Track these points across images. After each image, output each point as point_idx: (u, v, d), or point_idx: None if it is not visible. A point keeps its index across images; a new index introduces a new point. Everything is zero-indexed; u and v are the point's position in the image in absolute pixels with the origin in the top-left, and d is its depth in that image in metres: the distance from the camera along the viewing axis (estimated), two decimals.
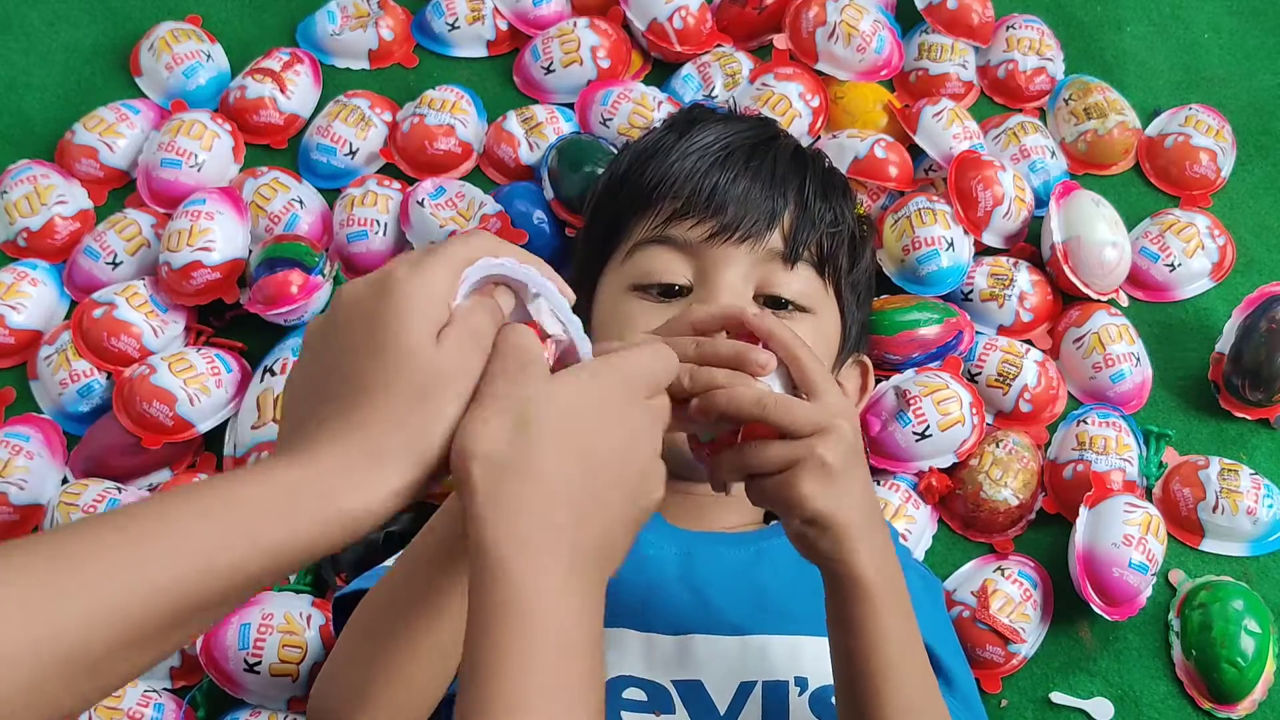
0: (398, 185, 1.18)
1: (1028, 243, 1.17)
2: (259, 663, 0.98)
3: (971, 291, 1.14)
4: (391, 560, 0.87)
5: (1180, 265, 1.16)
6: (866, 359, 1.03)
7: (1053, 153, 1.22)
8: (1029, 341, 1.13)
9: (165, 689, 1.01)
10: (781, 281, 0.92)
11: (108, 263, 1.17)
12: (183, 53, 1.27)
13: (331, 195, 1.21)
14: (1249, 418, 1.11)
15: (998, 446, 1.06)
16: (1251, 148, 1.26)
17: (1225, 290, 1.18)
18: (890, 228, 1.13)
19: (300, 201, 1.18)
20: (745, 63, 1.25)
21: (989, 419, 1.10)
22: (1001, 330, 1.13)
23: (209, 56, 1.28)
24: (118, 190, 1.24)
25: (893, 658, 0.69)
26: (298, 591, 1.02)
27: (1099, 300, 1.14)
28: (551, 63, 1.25)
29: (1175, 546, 1.06)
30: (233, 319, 1.15)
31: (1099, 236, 1.12)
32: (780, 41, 1.26)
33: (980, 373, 1.10)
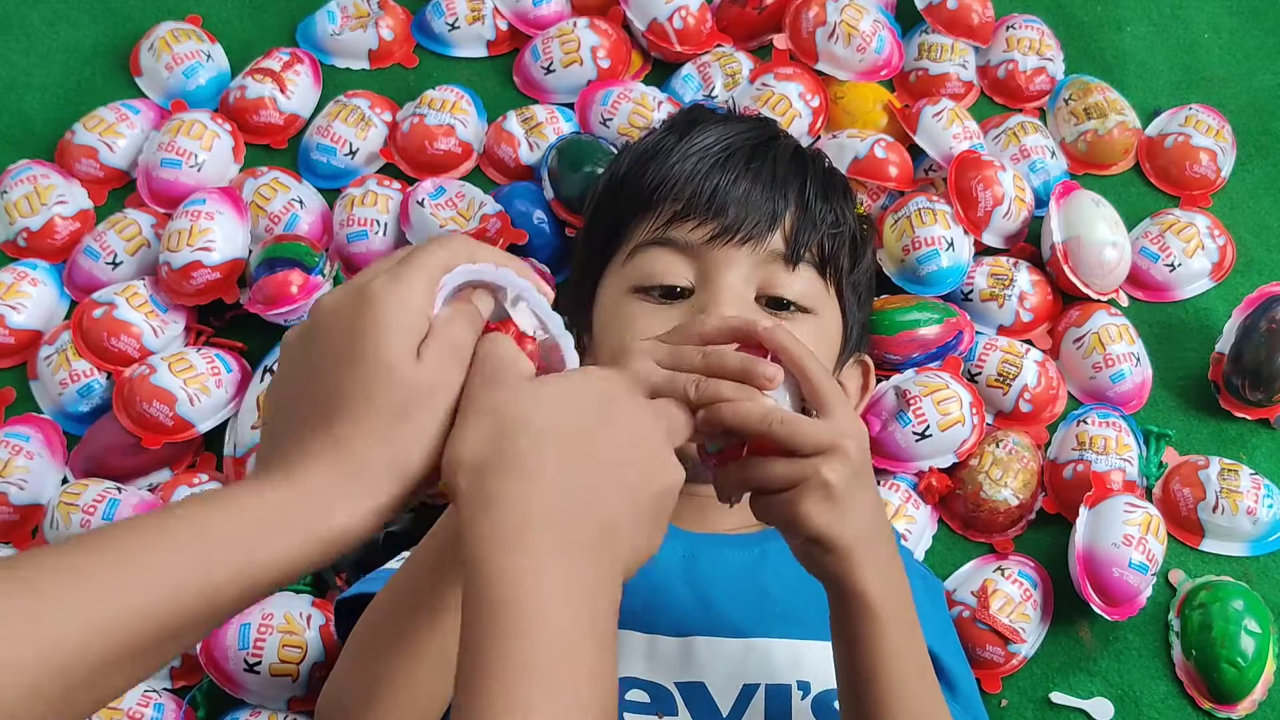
0: (398, 185, 1.18)
1: (1028, 243, 1.17)
2: (259, 663, 0.98)
3: (971, 291, 1.14)
4: (393, 562, 0.87)
5: (1180, 265, 1.16)
6: (868, 359, 1.03)
7: (1053, 153, 1.22)
8: (1029, 341, 1.13)
9: (165, 689, 1.01)
10: (783, 282, 0.92)
11: (108, 263, 1.16)
12: (183, 53, 1.27)
13: (331, 195, 1.21)
14: (1249, 418, 1.11)
15: (998, 446, 1.06)
16: (1251, 148, 1.26)
17: (1225, 290, 1.18)
18: (890, 228, 1.13)
19: (300, 201, 1.18)
20: (745, 63, 1.24)
21: (989, 419, 1.10)
22: (1001, 330, 1.13)
23: (209, 56, 1.28)
24: (118, 190, 1.24)
25: (897, 673, 0.69)
26: (298, 592, 1.02)
27: (1099, 300, 1.14)
28: (551, 63, 1.25)
29: (1175, 546, 1.06)
30: (233, 319, 1.15)
31: (1099, 236, 1.12)
32: (780, 41, 1.26)
33: (980, 373, 1.10)
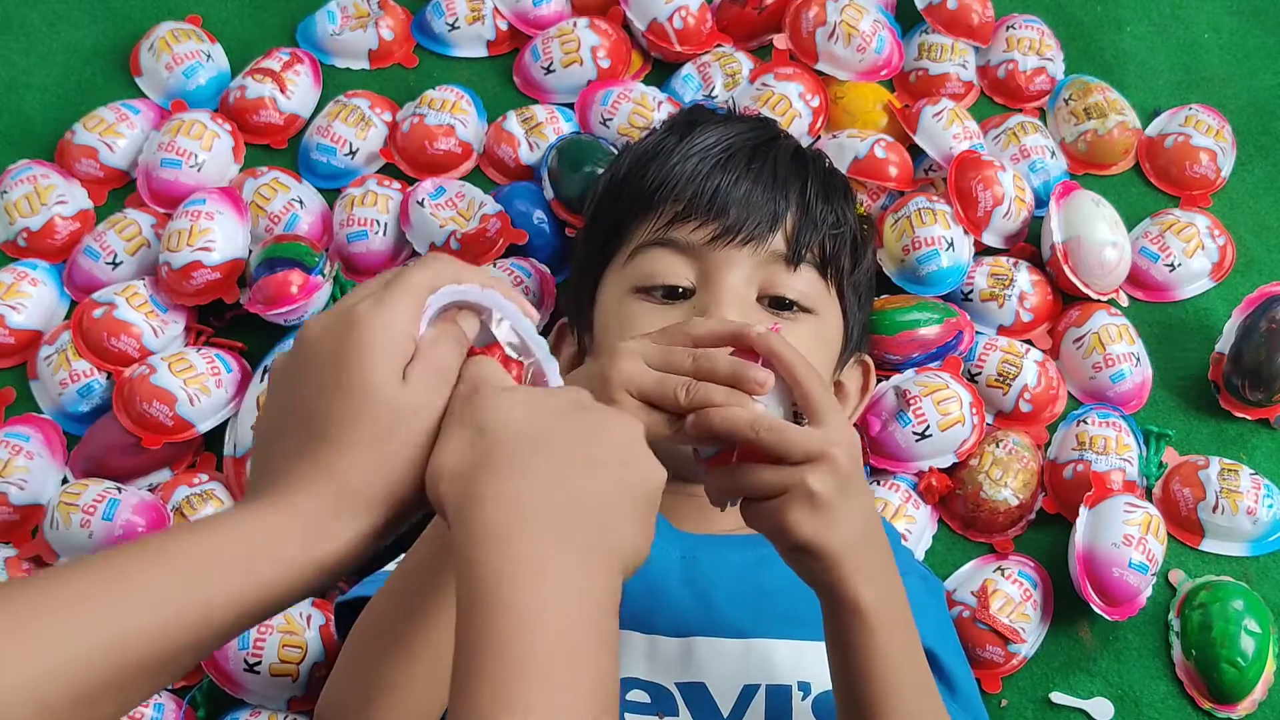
0: (398, 185, 1.18)
1: (1028, 243, 1.17)
2: (259, 663, 0.98)
3: (971, 291, 1.14)
4: (393, 565, 0.87)
5: (1180, 265, 1.16)
6: (868, 359, 1.03)
7: (1053, 153, 1.22)
8: (1029, 341, 1.13)
9: (165, 689, 1.01)
10: (784, 283, 0.92)
11: (108, 263, 1.16)
12: (183, 53, 1.27)
13: (331, 195, 1.21)
14: (1249, 418, 1.11)
15: (998, 446, 1.06)
16: (1251, 148, 1.26)
17: (1225, 290, 1.17)
18: (890, 228, 1.13)
19: (300, 201, 1.18)
20: (745, 63, 1.24)
21: (989, 419, 1.10)
22: (1001, 330, 1.13)
23: (209, 56, 1.28)
24: (118, 190, 1.24)
25: (891, 681, 0.69)
26: None
27: (1099, 300, 1.14)
28: (551, 63, 1.25)
29: (1175, 546, 1.06)
30: (233, 319, 1.15)
31: (1099, 236, 1.12)
32: (780, 41, 1.25)
33: (980, 373, 1.10)
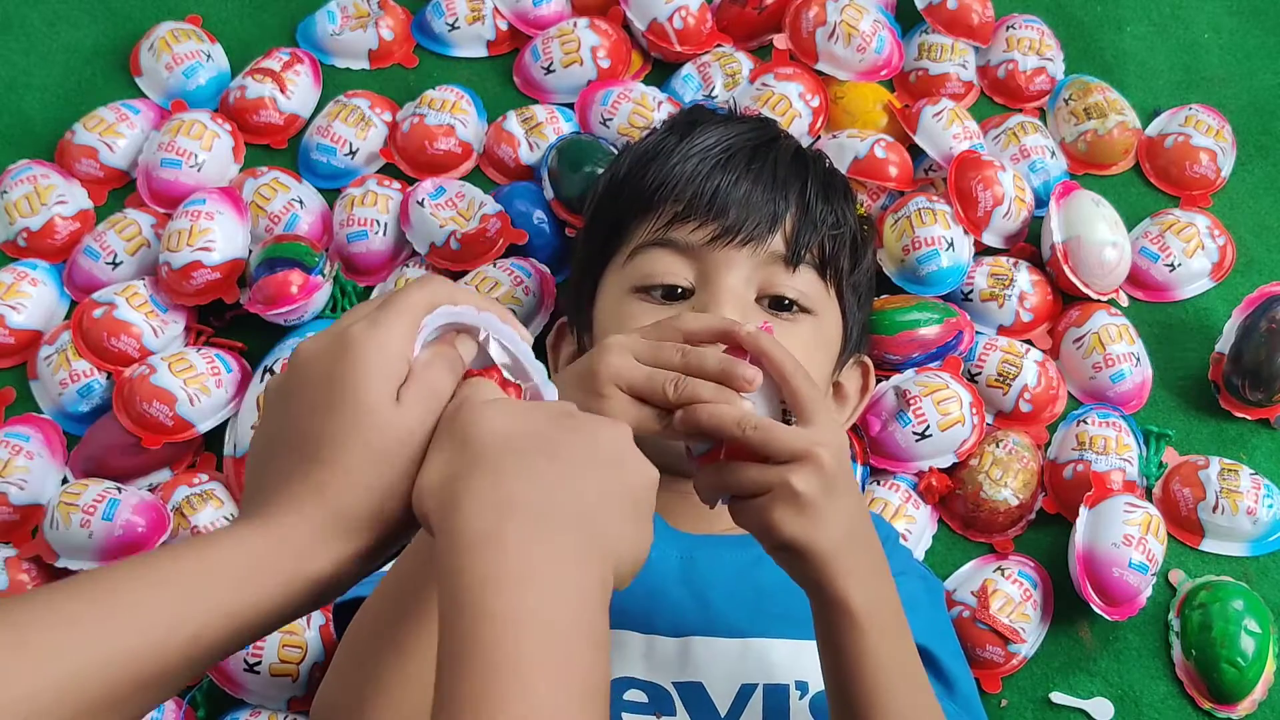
0: (398, 185, 1.18)
1: (1028, 243, 1.17)
2: (259, 663, 0.98)
3: (971, 291, 1.13)
4: (389, 566, 0.87)
5: (1180, 265, 1.16)
6: (867, 359, 1.03)
7: (1053, 153, 1.22)
8: (1029, 341, 1.13)
9: None
10: (783, 283, 0.92)
11: (108, 263, 1.16)
12: (183, 53, 1.27)
13: (331, 195, 1.21)
14: (1249, 418, 1.11)
15: (998, 446, 1.06)
16: (1251, 148, 1.26)
17: (1225, 290, 1.17)
18: (890, 228, 1.13)
19: (300, 201, 1.18)
20: (745, 63, 1.24)
21: (989, 419, 1.10)
22: (1001, 330, 1.13)
23: (209, 56, 1.28)
24: (118, 190, 1.24)
25: (883, 682, 0.68)
26: None
27: (1099, 300, 1.14)
28: (551, 63, 1.25)
29: (1175, 546, 1.06)
30: (233, 319, 1.15)
31: (1099, 236, 1.12)
32: (780, 41, 1.25)
33: (980, 373, 1.10)
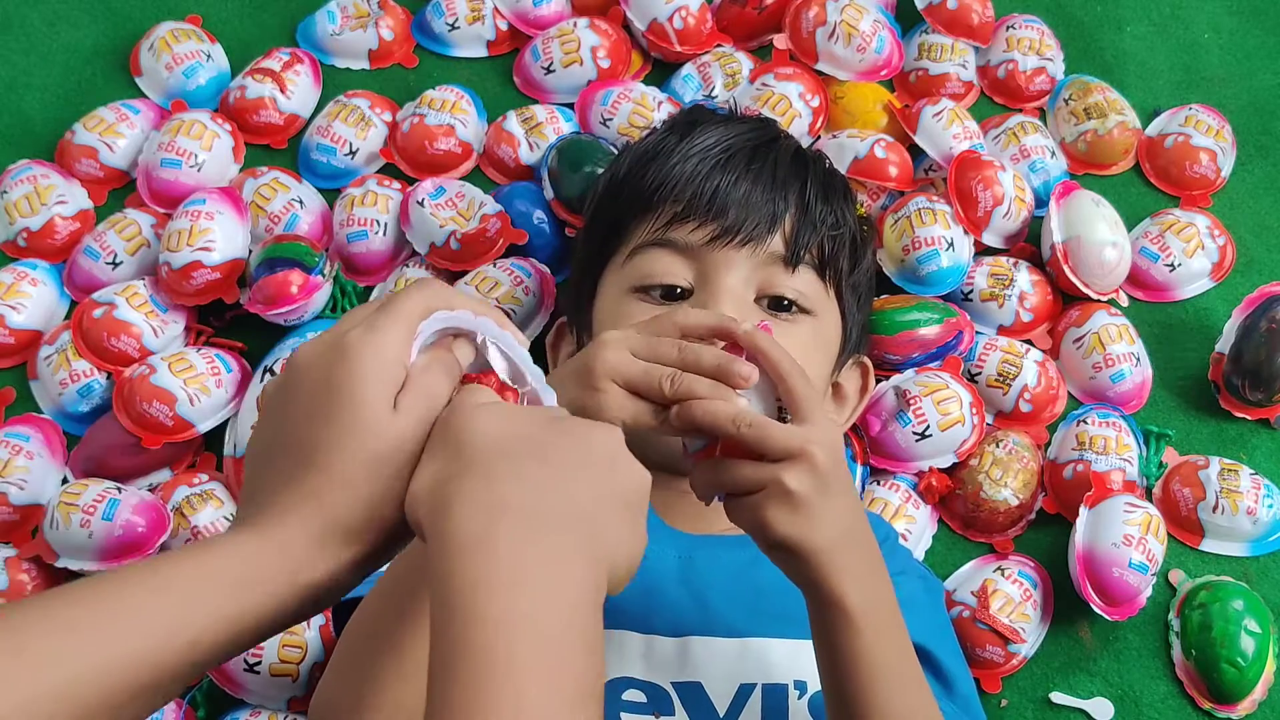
0: (398, 185, 1.18)
1: (1028, 243, 1.17)
2: (259, 663, 0.98)
3: (971, 291, 1.13)
4: (387, 565, 0.87)
5: (1180, 265, 1.16)
6: (867, 360, 1.03)
7: (1053, 153, 1.22)
8: (1029, 341, 1.13)
9: None
10: (782, 283, 0.92)
11: (108, 263, 1.16)
12: (183, 53, 1.27)
13: (331, 195, 1.21)
14: (1249, 418, 1.11)
15: (998, 446, 1.06)
16: (1251, 148, 1.26)
17: (1225, 290, 1.17)
18: (890, 228, 1.13)
19: (300, 201, 1.18)
20: (745, 63, 1.24)
21: (989, 419, 1.10)
22: (1001, 330, 1.13)
23: (209, 56, 1.28)
24: (118, 190, 1.24)
25: (879, 682, 0.68)
26: None
27: (1099, 300, 1.14)
28: (551, 63, 1.25)
29: (1175, 546, 1.06)
30: (233, 319, 1.15)
31: (1099, 236, 1.12)
32: (780, 41, 1.25)
33: (980, 373, 1.10)
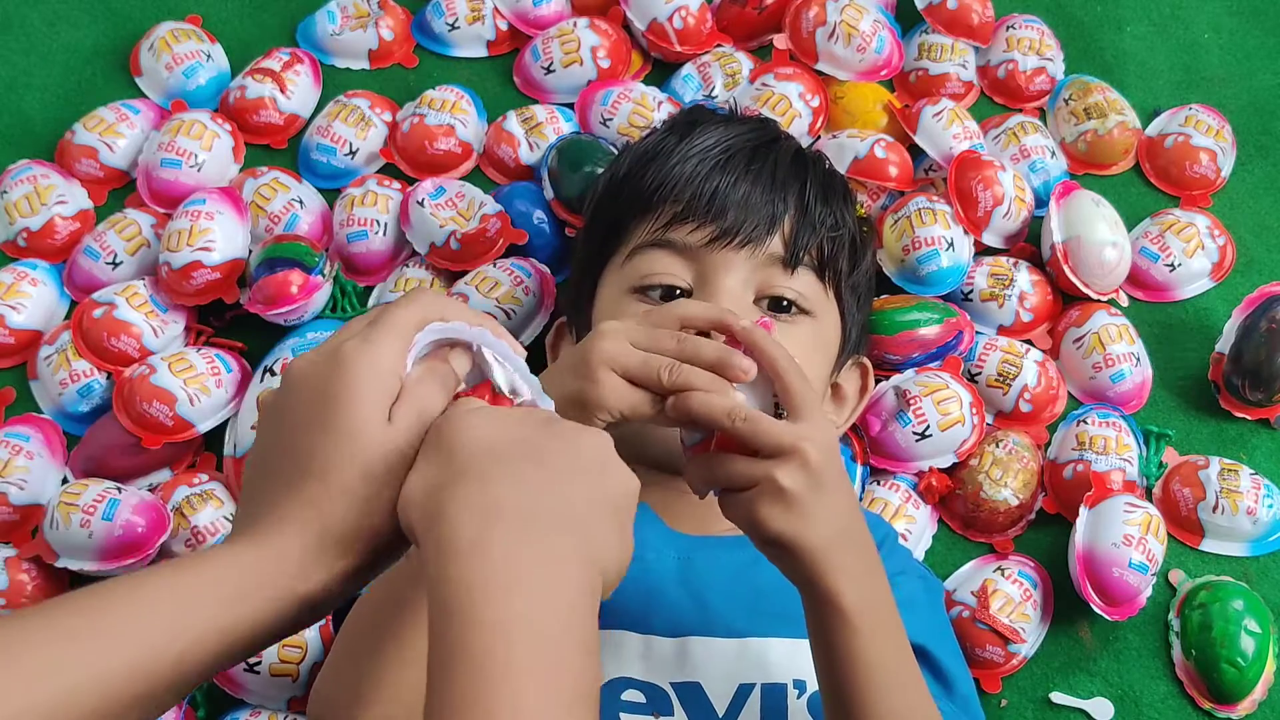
0: (398, 185, 1.18)
1: (1028, 243, 1.17)
2: (259, 663, 0.98)
3: (971, 291, 1.13)
4: None
5: (1180, 265, 1.16)
6: (866, 361, 1.03)
7: (1053, 153, 1.22)
8: (1029, 341, 1.13)
9: None
10: (782, 285, 0.92)
11: (108, 263, 1.16)
12: (183, 53, 1.27)
13: (331, 195, 1.21)
14: (1249, 418, 1.11)
15: (998, 446, 1.06)
16: (1251, 148, 1.26)
17: (1225, 290, 1.17)
18: (890, 228, 1.13)
19: (300, 201, 1.18)
20: (745, 63, 1.24)
21: (989, 419, 1.10)
22: (1001, 330, 1.13)
23: (209, 56, 1.28)
24: (118, 190, 1.24)
25: (875, 681, 0.68)
26: None
27: (1099, 300, 1.14)
28: (551, 63, 1.25)
29: (1175, 546, 1.06)
30: (233, 319, 1.15)
31: (1099, 236, 1.12)
32: (780, 41, 1.25)
33: (980, 373, 1.10)
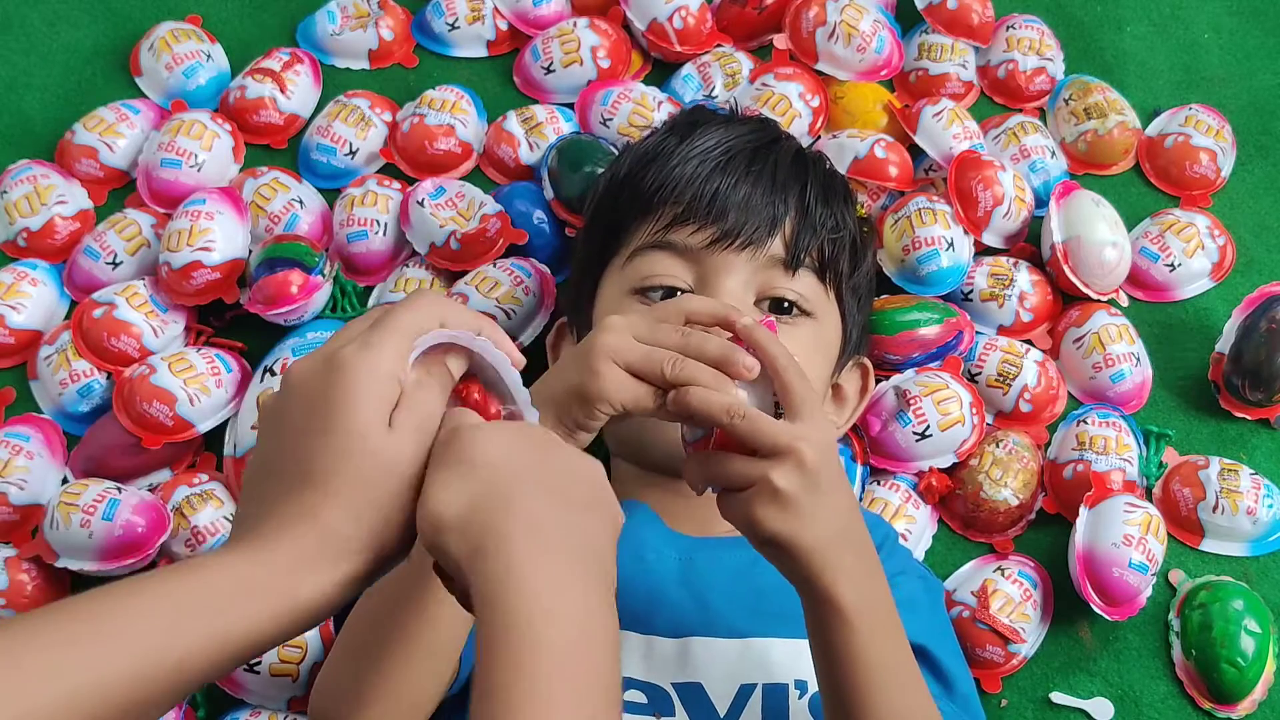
0: (398, 185, 1.18)
1: (1028, 243, 1.17)
2: (259, 663, 0.98)
3: (971, 291, 1.13)
4: None
5: (1180, 265, 1.16)
6: (867, 361, 1.03)
7: (1053, 153, 1.22)
8: (1029, 341, 1.13)
9: None
10: (782, 286, 0.92)
11: (108, 263, 1.16)
12: (183, 53, 1.27)
13: (331, 195, 1.21)
14: (1249, 418, 1.11)
15: (998, 446, 1.06)
16: (1251, 148, 1.26)
17: (1225, 290, 1.17)
18: (890, 228, 1.13)
19: (300, 201, 1.18)
20: (745, 63, 1.24)
21: (989, 419, 1.10)
22: (1001, 330, 1.13)
23: (209, 56, 1.28)
24: (118, 190, 1.24)
25: (875, 681, 0.68)
26: None
27: (1099, 300, 1.14)
28: (551, 63, 1.25)
29: (1175, 546, 1.06)
30: (233, 319, 1.15)
31: (1099, 236, 1.12)
32: (780, 41, 1.25)
33: (980, 373, 1.10)
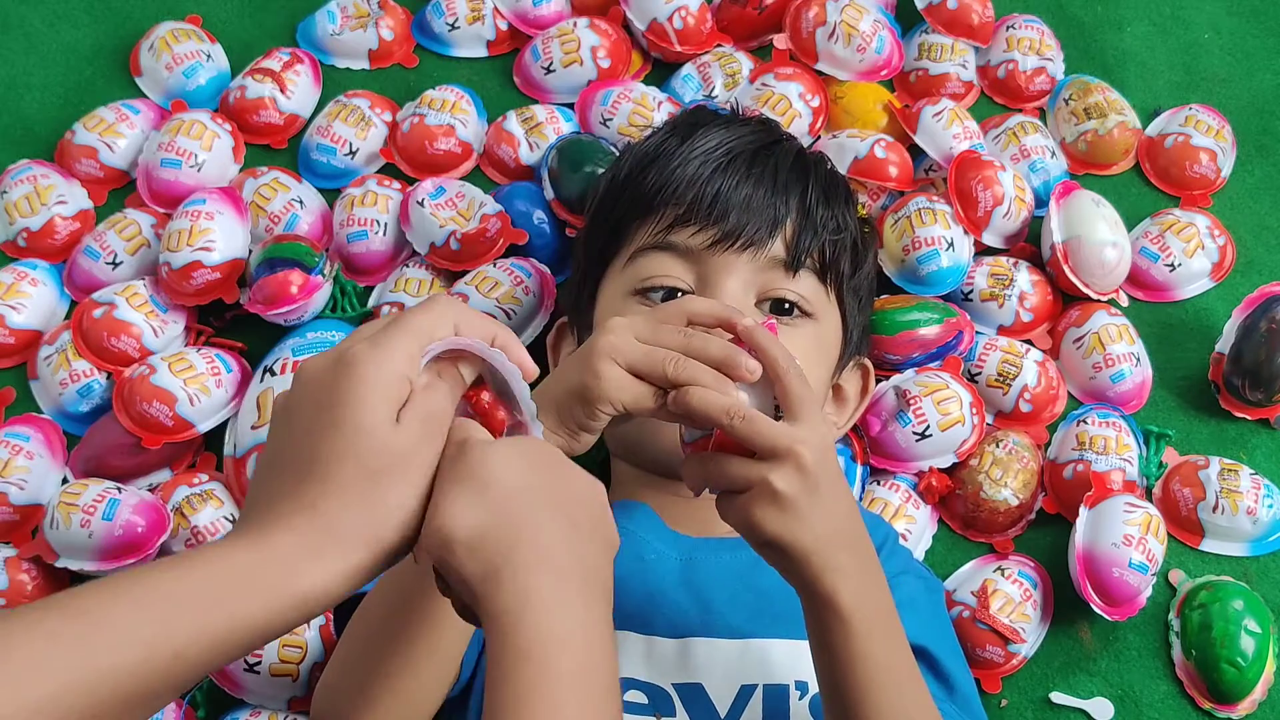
0: (398, 185, 1.18)
1: (1028, 243, 1.17)
2: (259, 663, 0.98)
3: (971, 291, 1.13)
4: None
5: (1180, 265, 1.16)
6: (867, 362, 1.03)
7: (1053, 153, 1.22)
8: (1029, 341, 1.13)
9: None
10: (783, 287, 0.92)
11: (108, 263, 1.16)
12: (183, 53, 1.27)
13: (331, 195, 1.21)
14: (1249, 418, 1.11)
15: (998, 446, 1.06)
16: (1251, 148, 1.26)
17: (1225, 290, 1.17)
18: (890, 228, 1.13)
19: (300, 201, 1.18)
20: (745, 63, 1.24)
21: (989, 419, 1.10)
22: (1001, 330, 1.13)
23: (209, 56, 1.28)
24: (118, 190, 1.24)
25: (875, 682, 0.68)
26: None
27: (1099, 300, 1.14)
28: (551, 63, 1.25)
29: (1175, 546, 1.06)
30: (233, 319, 1.15)
31: (1099, 236, 1.12)
32: (780, 41, 1.26)
33: (980, 373, 1.10)
